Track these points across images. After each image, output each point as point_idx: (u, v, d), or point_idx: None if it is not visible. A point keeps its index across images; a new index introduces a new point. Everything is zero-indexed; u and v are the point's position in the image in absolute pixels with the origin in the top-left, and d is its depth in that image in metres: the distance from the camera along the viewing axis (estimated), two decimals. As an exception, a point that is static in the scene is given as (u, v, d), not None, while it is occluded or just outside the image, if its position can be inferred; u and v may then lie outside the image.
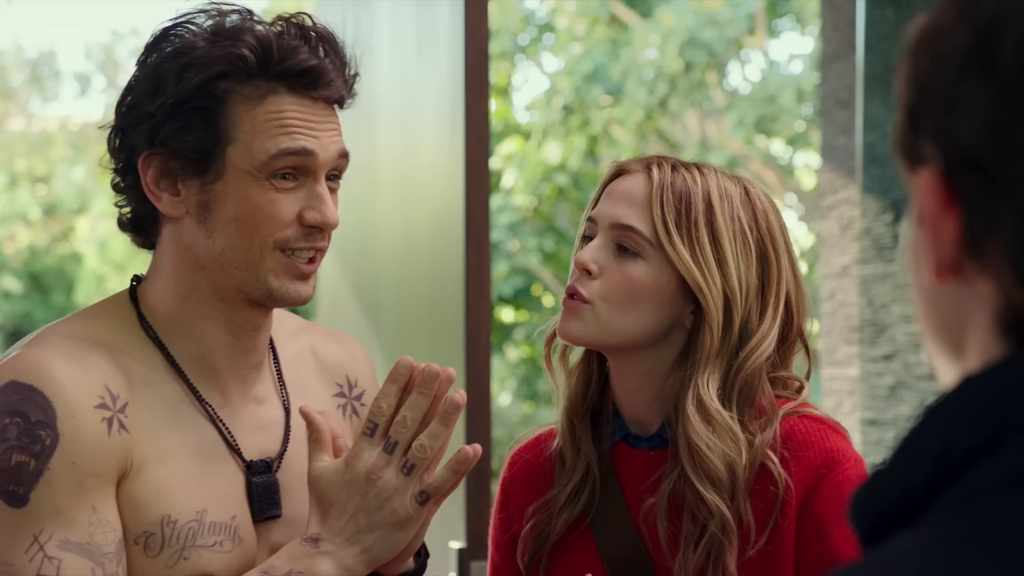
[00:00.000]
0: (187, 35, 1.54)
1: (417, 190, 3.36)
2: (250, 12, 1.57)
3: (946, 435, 0.75)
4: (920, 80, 0.79)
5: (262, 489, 1.60)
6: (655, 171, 1.68)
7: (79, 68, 19.98)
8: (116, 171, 1.59)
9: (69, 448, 1.46)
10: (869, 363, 5.07)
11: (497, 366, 13.18)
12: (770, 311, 1.68)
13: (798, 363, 1.79)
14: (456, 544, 2.95)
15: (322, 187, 1.56)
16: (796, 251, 1.77)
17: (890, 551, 0.73)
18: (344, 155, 1.59)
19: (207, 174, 1.53)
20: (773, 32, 13.44)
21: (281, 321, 1.72)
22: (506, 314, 13.42)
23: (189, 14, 1.56)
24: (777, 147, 13.36)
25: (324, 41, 1.57)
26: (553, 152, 12.93)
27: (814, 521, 1.64)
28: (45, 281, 15.70)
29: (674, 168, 1.69)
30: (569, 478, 1.74)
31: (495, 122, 13.90)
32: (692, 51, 12.26)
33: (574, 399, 1.76)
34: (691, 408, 1.65)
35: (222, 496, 1.57)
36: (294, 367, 1.70)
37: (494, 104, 13.99)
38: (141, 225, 1.60)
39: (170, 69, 1.53)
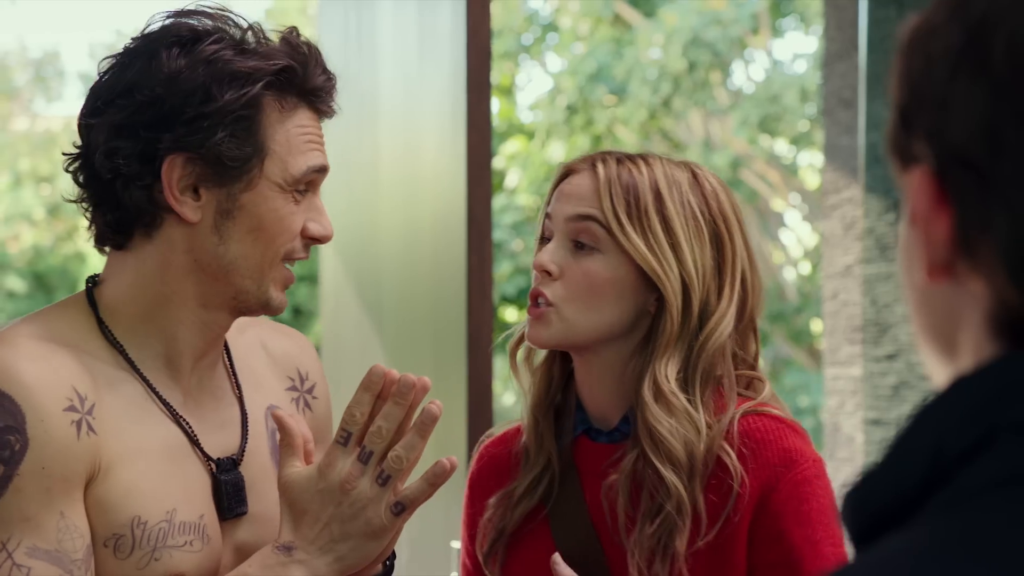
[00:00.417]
0: (208, 38, 1.53)
1: (419, 190, 3.36)
2: (251, 25, 1.59)
3: (938, 435, 0.75)
4: (912, 79, 0.79)
5: (231, 487, 1.59)
6: (600, 167, 1.71)
7: (83, 68, 20.00)
8: (116, 170, 1.53)
9: (39, 453, 1.44)
10: (872, 363, 5.07)
11: (500, 366, 13.17)
12: (727, 290, 1.71)
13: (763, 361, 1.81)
14: (457, 544, 2.95)
15: (319, 200, 1.60)
16: (752, 233, 1.79)
17: (883, 552, 0.73)
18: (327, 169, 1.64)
19: (239, 183, 1.54)
20: (777, 32, 13.43)
21: None
22: (509, 314, 13.41)
23: (188, 9, 1.56)
24: (781, 147, 13.35)
25: (321, 55, 1.61)
26: (557, 152, 12.93)
27: (772, 521, 1.65)
28: (49, 281, 15.71)
29: (619, 162, 1.72)
30: (529, 471, 1.76)
31: (499, 122, 13.90)
32: (696, 51, 12.25)
33: (538, 395, 1.78)
34: (648, 394, 1.67)
35: (190, 495, 1.56)
36: (246, 361, 1.70)
37: (497, 104, 13.98)
38: (128, 225, 1.56)
39: (213, 75, 1.51)
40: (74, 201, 1.58)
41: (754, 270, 1.74)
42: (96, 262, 16.20)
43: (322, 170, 1.58)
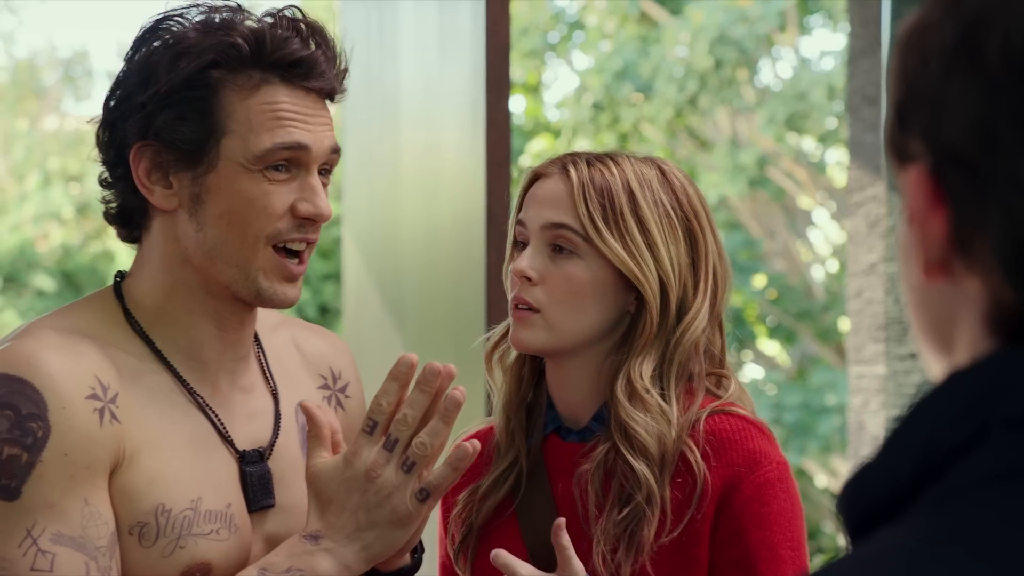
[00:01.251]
0: (177, 28, 1.54)
1: (439, 188, 3.37)
2: (240, 7, 1.58)
3: (932, 430, 0.75)
4: (908, 77, 0.79)
5: (256, 479, 1.60)
6: (572, 170, 1.71)
7: (112, 67, 20.11)
8: (105, 165, 1.58)
9: (61, 440, 1.45)
10: (896, 361, 5.05)
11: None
12: (701, 285, 1.72)
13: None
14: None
15: (314, 179, 1.56)
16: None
17: (875, 546, 0.73)
18: (336, 151, 1.59)
19: (200, 166, 1.53)
20: (804, 29, 13.39)
21: (262, 315, 1.71)
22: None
23: (178, 9, 1.56)
24: (808, 144, 13.31)
25: (315, 33, 1.57)
26: (583, 150, 12.92)
27: (733, 520, 1.66)
28: (78, 279, 15.79)
29: (589, 164, 1.72)
30: (497, 466, 1.77)
31: (525, 120, 13.90)
32: (722, 48, 12.22)
33: (509, 394, 1.79)
34: (621, 393, 1.68)
35: (216, 485, 1.56)
36: (279, 359, 1.71)
37: (524, 102, 13.99)
38: (129, 218, 1.60)
39: (162, 59, 1.52)
40: (102, 201, 1.63)
41: (723, 262, 1.75)
42: (124, 260, 16.31)
43: (296, 147, 1.53)
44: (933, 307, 0.80)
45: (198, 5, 1.56)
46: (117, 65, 1.58)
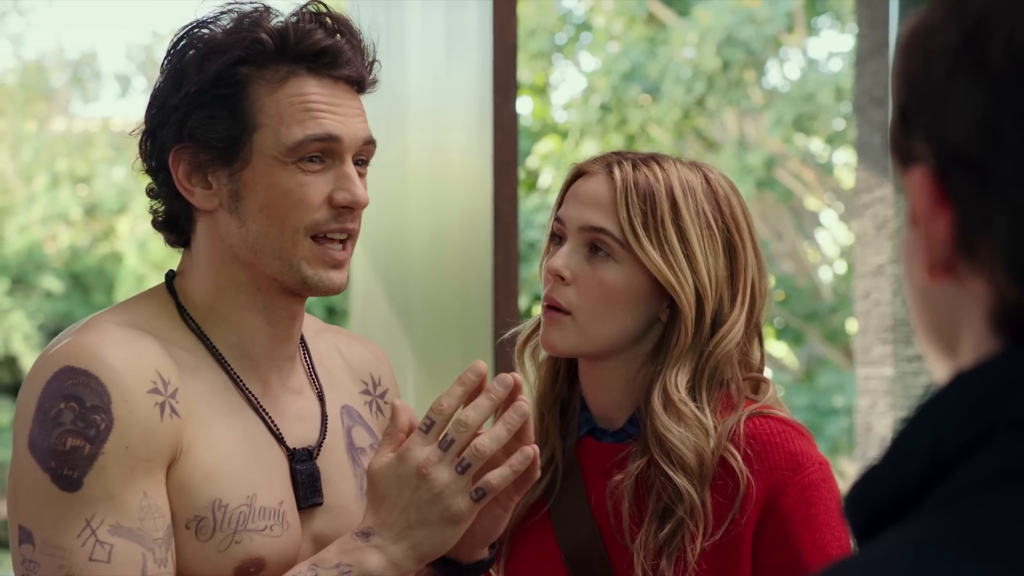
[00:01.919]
0: (207, 33, 1.56)
1: (446, 189, 3.38)
2: (268, 8, 1.59)
3: (938, 431, 0.75)
4: (911, 79, 0.79)
5: (305, 476, 1.61)
6: (616, 171, 1.69)
7: (120, 69, 20.13)
8: (149, 174, 1.60)
9: (123, 433, 1.47)
10: (904, 362, 5.05)
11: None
12: (739, 299, 1.70)
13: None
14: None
15: (349, 167, 1.57)
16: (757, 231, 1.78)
17: (882, 546, 0.73)
18: (370, 141, 1.59)
19: (235, 162, 1.55)
20: (812, 30, 13.38)
21: (306, 321, 1.73)
22: (543, 313, 13.41)
23: (209, 16, 1.58)
24: (816, 145, 13.30)
25: (340, 24, 1.58)
26: (590, 151, 12.92)
27: (780, 524, 1.64)
28: (86, 281, 15.81)
29: (634, 166, 1.70)
30: None
31: (532, 121, 13.90)
32: (730, 49, 12.22)
33: (543, 391, 1.78)
34: (657, 403, 1.67)
35: (269, 482, 1.58)
36: (323, 363, 1.73)
37: (531, 103, 13.99)
38: (176, 223, 1.62)
39: (191, 61, 1.55)
40: (150, 211, 1.65)
41: (762, 275, 1.73)
42: (132, 262, 16.27)
43: (327, 139, 1.54)
44: (937, 308, 0.80)
45: (228, 11, 1.57)
46: (125, 67, 1.60)
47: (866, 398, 5.64)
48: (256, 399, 1.60)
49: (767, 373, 1.80)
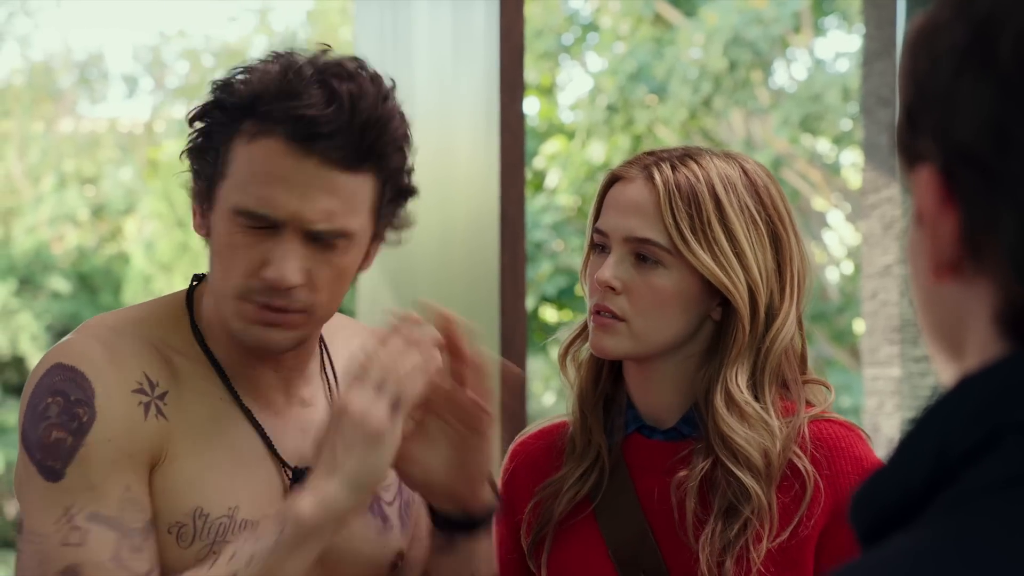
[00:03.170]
0: (241, 66, 1.55)
1: (453, 190, 3.37)
2: (322, 52, 1.53)
3: (944, 435, 0.74)
4: (918, 78, 0.78)
5: None
6: (656, 175, 1.66)
7: (127, 70, 20.15)
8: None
9: (105, 426, 1.49)
10: (911, 363, 5.04)
11: (540, 366, 13.17)
12: (787, 290, 1.69)
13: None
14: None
15: (287, 243, 1.49)
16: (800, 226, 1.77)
17: (884, 552, 0.72)
18: (337, 230, 1.50)
19: (207, 202, 1.55)
20: (819, 30, 13.37)
21: (341, 327, 1.71)
22: (549, 314, 13.42)
23: (268, 56, 1.55)
24: (823, 146, 13.28)
25: (338, 97, 1.47)
26: (597, 152, 12.92)
27: (848, 530, 1.63)
28: (93, 281, 15.83)
29: (673, 167, 1.67)
30: (578, 462, 1.74)
31: (539, 122, 13.90)
32: (737, 50, 12.21)
33: (584, 389, 1.76)
34: (720, 403, 1.65)
35: (256, 496, 1.57)
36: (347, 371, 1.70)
37: (538, 104, 13.99)
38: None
39: (209, 91, 1.55)
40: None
41: (804, 263, 1.72)
42: (139, 263, 16.28)
43: (257, 217, 1.47)
44: (942, 309, 0.79)
45: (281, 55, 1.53)
46: (132, 68, 1.60)
47: (873, 399, 5.63)
48: (253, 413, 1.59)
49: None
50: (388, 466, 1.49)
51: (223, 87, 1.53)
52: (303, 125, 1.46)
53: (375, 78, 1.52)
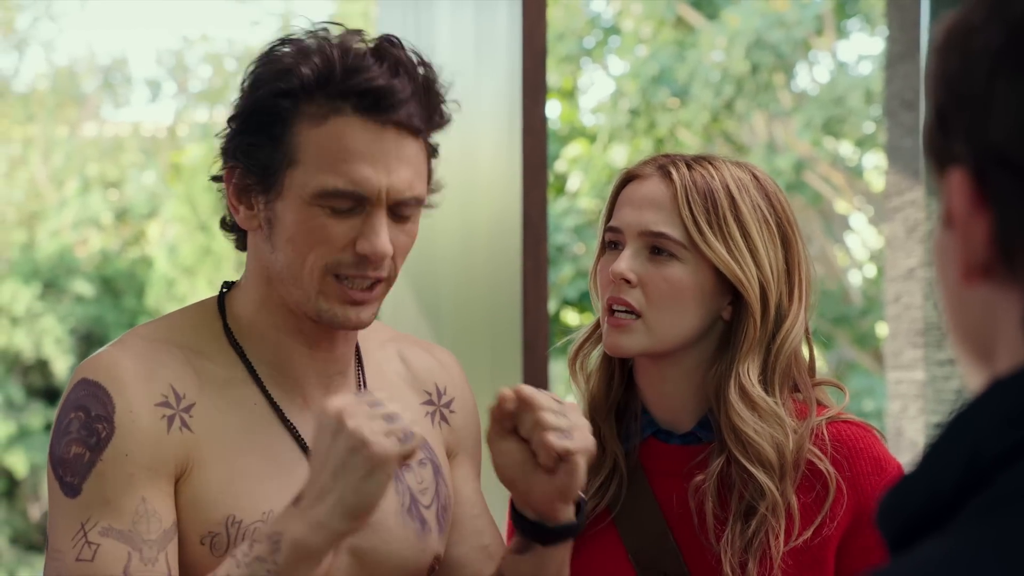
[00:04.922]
0: (279, 51, 1.53)
1: (475, 193, 3.37)
2: (350, 34, 1.53)
3: (975, 439, 0.74)
4: (950, 79, 0.77)
5: None
6: (673, 172, 1.69)
7: (150, 74, 20.23)
8: (216, 180, 1.59)
9: (123, 441, 1.49)
10: (935, 367, 5.01)
11: (562, 369, 13.16)
12: (796, 291, 1.71)
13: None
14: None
15: (377, 218, 1.50)
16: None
17: (915, 557, 0.71)
18: (414, 200, 1.53)
19: (271, 191, 1.52)
20: (842, 33, 13.33)
21: (373, 331, 1.70)
22: (571, 317, 13.40)
23: (292, 35, 1.55)
24: (845, 149, 13.24)
25: (402, 64, 1.50)
26: (619, 155, 12.90)
27: (870, 530, 1.66)
28: (117, 285, 15.89)
29: (689, 166, 1.70)
30: (595, 473, 1.74)
31: (560, 125, 13.90)
32: (759, 53, 12.18)
33: (596, 399, 1.76)
34: (734, 397, 1.67)
35: (290, 498, 1.54)
36: (382, 375, 1.69)
37: (559, 107, 13.98)
38: (233, 229, 1.62)
39: (246, 82, 1.54)
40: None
41: (810, 271, 1.74)
42: (163, 266, 16.32)
43: (352, 195, 1.48)
44: (972, 312, 0.79)
45: (313, 32, 1.53)
46: (156, 72, 1.59)
47: (897, 402, 5.61)
48: (286, 416, 1.58)
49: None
50: (383, 495, 1.43)
51: (277, 75, 1.50)
52: (377, 97, 1.48)
53: (402, 43, 1.54)
